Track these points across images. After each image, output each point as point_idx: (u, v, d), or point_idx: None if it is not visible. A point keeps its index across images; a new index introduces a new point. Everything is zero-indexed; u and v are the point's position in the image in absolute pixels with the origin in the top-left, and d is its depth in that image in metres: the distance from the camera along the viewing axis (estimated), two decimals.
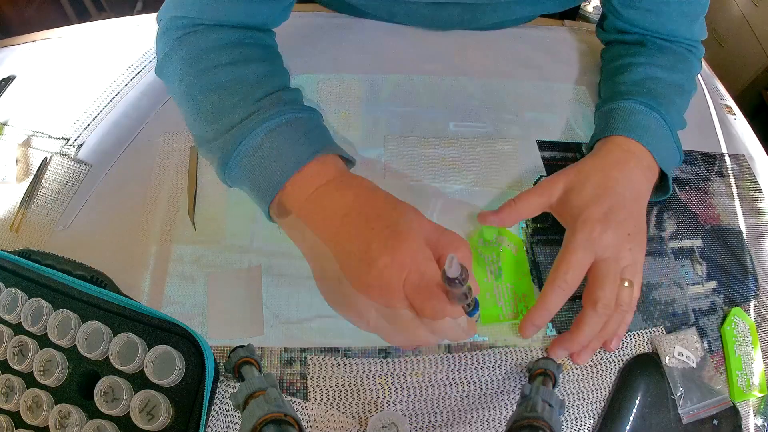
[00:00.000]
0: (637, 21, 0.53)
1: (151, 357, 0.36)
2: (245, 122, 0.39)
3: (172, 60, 0.44)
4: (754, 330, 0.46)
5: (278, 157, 0.38)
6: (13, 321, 0.39)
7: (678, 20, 0.53)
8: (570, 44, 0.65)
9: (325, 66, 0.57)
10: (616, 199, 0.41)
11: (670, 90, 0.50)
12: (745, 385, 0.43)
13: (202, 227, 0.46)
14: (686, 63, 0.54)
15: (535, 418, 0.31)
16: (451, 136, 0.53)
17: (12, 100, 0.56)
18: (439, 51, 0.61)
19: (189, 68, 0.43)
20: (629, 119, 0.46)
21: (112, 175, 0.49)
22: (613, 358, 0.43)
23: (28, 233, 0.46)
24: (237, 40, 0.45)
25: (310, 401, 0.39)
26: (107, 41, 0.61)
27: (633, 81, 0.50)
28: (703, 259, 0.49)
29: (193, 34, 0.44)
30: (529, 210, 0.44)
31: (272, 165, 0.38)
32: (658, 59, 0.52)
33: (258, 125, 0.39)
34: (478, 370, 0.41)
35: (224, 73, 0.42)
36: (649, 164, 0.45)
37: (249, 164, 0.39)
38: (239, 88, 0.41)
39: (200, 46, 0.43)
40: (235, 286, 0.43)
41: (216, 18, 0.44)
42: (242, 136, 0.39)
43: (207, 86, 0.42)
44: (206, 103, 0.42)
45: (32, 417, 0.36)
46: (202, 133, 0.42)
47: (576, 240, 0.39)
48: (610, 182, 0.42)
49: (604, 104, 0.51)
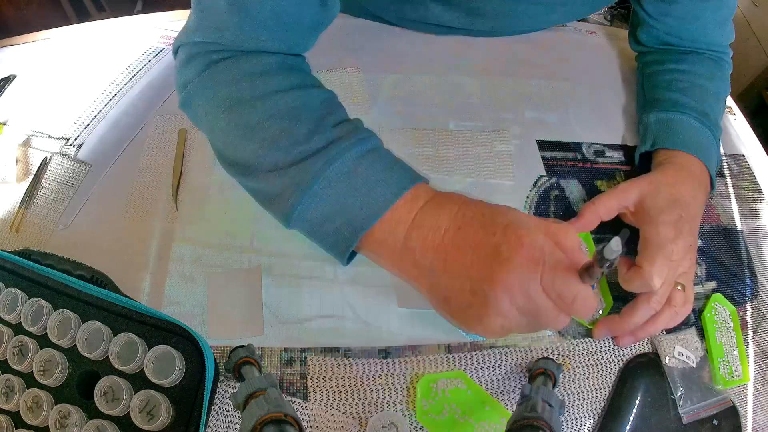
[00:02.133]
0: (674, 31, 0.55)
1: (151, 357, 0.36)
2: (329, 147, 0.38)
3: (209, 87, 0.41)
4: (735, 316, 0.46)
5: (377, 182, 0.38)
6: (13, 321, 0.39)
7: (711, 27, 0.55)
8: (570, 44, 0.65)
9: (325, 66, 0.57)
10: (685, 211, 0.44)
11: (713, 99, 0.53)
12: (728, 373, 0.44)
13: (202, 227, 0.46)
14: (722, 69, 0.56)
15: (535, 418, 0.31)
16: (451, 135, 0.53)
17: (12, 100, 0.56)
18: (439, 51, 0.61)
19: (241, 93, 0.40)
20: (688, 135, 0.49)
21: (112, 174, 0.49)
22: (613, 358, 0.43)
23: (28, 233, 0.46)
24: (287, 65, 0.42)
25: (310, 401, 0.39)
26: (107, 41, 0.61)
27: (682, 90, 0.53)
28: (702, 259, 0.49)
29: (229, 60, 0.41)
30: (608, 212, 0.46)
31: (372, 191, 0.37)
32: (699, 68, 0.54)
33: (346, 150, 0.38)
34: (478, 370, 0.41)
35: (291, 98, 0.40)
36: (705, 181, 0.48)
37: (339, 190, 0.37)
38: (309, 113, 0.40)
39: (249, 71, 0.40)
40: (235, 286, 0.43)
41: (251, 44, 0.41)
42: (330, 159, 0.37)
43: (272, 113, 0.39)
44: (272, 130, 0.39)
45: (32, 417, 0.36)
46: (263, 160, 0.39)
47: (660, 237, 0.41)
48: (679, 197, 0.44)
49: (657, 111, 0.52)
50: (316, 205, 0.38)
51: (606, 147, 0.55)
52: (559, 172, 0.52)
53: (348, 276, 0.44)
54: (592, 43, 0.63)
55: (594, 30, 0.69)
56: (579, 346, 0.43)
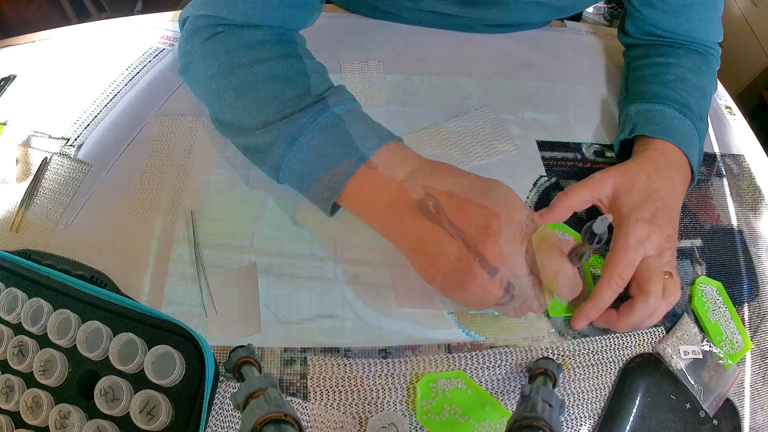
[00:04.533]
0: (660, 23, 0.55)
1: (151, 357, 0.36)
2: (315, 105, 0.41)
3: (207, 54, 0.44)
4: (722, 290, 0.47)
5: (359, 136, 0.40)
6: (13, 321, 0.39)
7: (698, 23, 0.54)
8: (570, 44, 0.65)
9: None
10: (661, 203, 0.43)
11: (697, 93, 0.52)
12: (730, 347, 0.44)
13: (202, 227, 0.46)
14: (709, 64, 0.55)
15: (535, 418, 0.31)
16: (451, 135, 0.53)
17: (12, 100, 0.56)
18: (439, 51, 0.61)
19: (235, 60, 0.43)
20: (668, 124, 0.48)
21: (112, 174, 0.49)
22: (613, 358, 0.43)
23: (28, 233, 0.46)
24: (284, 38, 0.46)
25: (310, 401, 0.39)
26: (107, 41, 0.61)
27: (665, 82, 0.52)
28: (703, 259, 0.49)
29: (230, 31, 0.44)
30: (581, 203, 0.46)
31: (354, 142, 0.40)
32: (685, 61, 0.54)
33: (332, 107, 0.41)
34: (478, 370, 0.41)
35: (286, 64, 0.43)
36: (686, 170, 0.48)
37: (323, 141, 0.40)
38: (303, 78, 0.43)
39: (249, 41, 0.44)
40: (232, 285, 0.43)
41: (251, 19, 0.44)
42: (315, 115, 0.40)
43: (268, 76, 0.42)
44: (265, 91, 0.42)
45: (32, 417, 0.36)
46: (257, 118, 0.42)
47: (629, 240, 0.41)
48: (656, 186, 0.44)
49: (638, 102, 0.52)
50: (302, 156, 0.40)
51: (606, 147, 0.55)
52: (559, 172, 0.52)
53: (348, 276, 0.44)
54: (592, 43, 0.63)
55: (594, 30, 0.69)
56: (579, 346, 0.43)
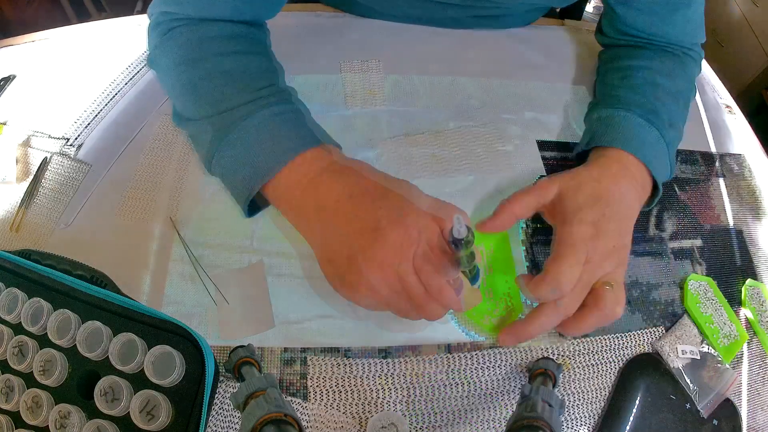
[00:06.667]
0: (635, 23, 0.53)
1: (151, 357, 0.36)
2: (249, 104, 0.42)
3: (168, 48, 0.46)
4: (712, 284, 0.47)
5: (281, 138, 0.41)
6: (13, 321, 0.39)
7: (675, 23, 0.52)
8: (570, 44, 0.65)
9: (324, 66, 0.57)
10: (609, 210, 0.40)
11: (669, 98, 0.49)
12: (727, 341, 0.44)
13: (203, 227, 0.46)
14: (685, 68, 0.53)
15: (535, 418, 0.31)
16: (451, 136, 0.53)
17: (12, 100, 0.56)
18: (439, 51, 0.61)
19: (190, 54, 0.45)
20: (629, 132, 0.46)
21: (112, 174, 0.49)
22: (613, 358, 0.43)
23: (28, 233, 0.46)
24: (236, 33, 0.46)
25: (310, 401, 0.39)
26: (107, 41, 0.61)
27: (632, 86, 0.50)
28: (703, 259, 0.49)
29: (187, 26, 0.46)
30: (525, 210, 0.42)
31: (277, 144, 0.40)
32: (657, 64, 0.51)
33: (264, 108, 0.42)
34: (478, 370, 0.41)
35: (229, 61, 0.44)
36: (644, 182, 0.45)
37: (249, 141, 0.41)
38: (243, 76, 0.44)
39: (200, 36, 0.45)
40: (242, 284, 0.43)
41: (208, 14, 0.46)
42: (248, 113, 0.41)
43: (211, 72, 0.44)
44: (210, 87, 0.43)
45: (32, 417, 0.36)
46: (199, 111, 0.43)
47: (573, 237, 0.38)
48: (604, 193, 0.41)
49: (601, 108, 0.50)
50: (230, 152, 0.42)
51: None
52: (560, 172, 0.52)
53: None
54: (592, 43, 0.63)
55: (594, 30, 0.69)
56: (579, 346, 0.43)
